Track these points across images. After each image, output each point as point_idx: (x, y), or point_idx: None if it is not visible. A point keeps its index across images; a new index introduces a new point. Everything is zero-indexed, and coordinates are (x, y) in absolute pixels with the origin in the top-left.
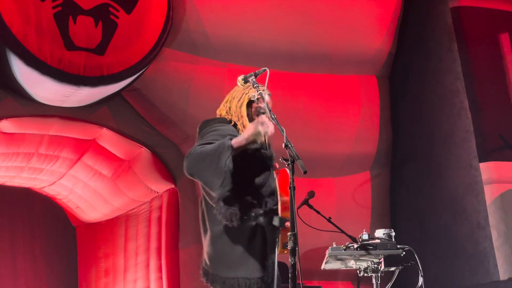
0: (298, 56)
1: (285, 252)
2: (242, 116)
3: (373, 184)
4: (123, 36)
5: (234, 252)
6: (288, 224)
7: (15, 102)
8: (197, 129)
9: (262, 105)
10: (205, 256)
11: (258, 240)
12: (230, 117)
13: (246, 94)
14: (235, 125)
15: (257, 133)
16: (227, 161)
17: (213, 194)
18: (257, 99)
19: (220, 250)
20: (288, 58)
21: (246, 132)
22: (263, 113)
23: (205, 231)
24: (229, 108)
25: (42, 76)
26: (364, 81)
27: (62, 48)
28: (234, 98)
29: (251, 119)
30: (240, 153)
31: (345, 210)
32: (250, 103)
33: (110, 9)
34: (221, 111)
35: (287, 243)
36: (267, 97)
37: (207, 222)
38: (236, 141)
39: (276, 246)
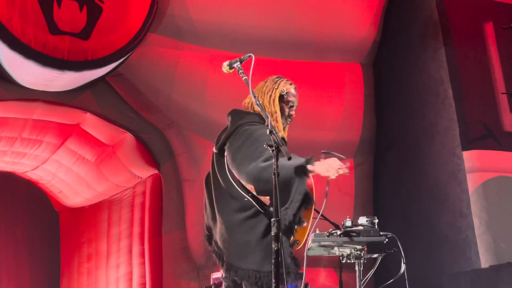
0: (282, 43)
1: (296, 248)
2: (275, 112)
3: (357, 171)
4: (108, 20)
5: (248, 244)
6: (306, 224)
7: None
8: (228, 118)
9: (292, 99)
10: (219, 242)
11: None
12: (260, 111)
13: (276, 89)
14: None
15: (329, 172)
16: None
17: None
18: (287, 93)
19: (237, 240)
20: (272, 45)
21: (320, 167)
22: (294, 107)
23: (214, 218)
24: (262, 103)
25: (26, 60)
26: (349, 69)
27: (47, 32)
28: (265, 94)
29: (282, 113)
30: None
31: (328, 197)
32: (281, 97)
33: None
34: (251, 106)
35: (297, 240)
36: (293, 90)
37: (221, 211)
38: (311, 169)
39: (290, 242)
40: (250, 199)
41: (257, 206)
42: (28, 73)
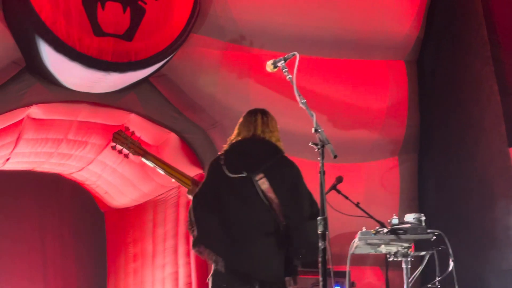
0: (325, 41)
1: None
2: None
3: (402, 169)
4: (151, 21)
5: None
6: None
7: (44, 88)
8: (277, 154)
9: None
10: (305, 244)
11: None
12: None
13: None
14: None
15: None
16: None
17: None
18: None
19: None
20: (315, 43)
21: None
22: None
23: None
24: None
25: (71, 62)
26: (392, 66)
27: (91, 34)
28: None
29: None
30: None
31: (373, 195)
32: None
33: None
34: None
35: None
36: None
37: None
38: None
39: None
40: None
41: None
42: (73, 75)
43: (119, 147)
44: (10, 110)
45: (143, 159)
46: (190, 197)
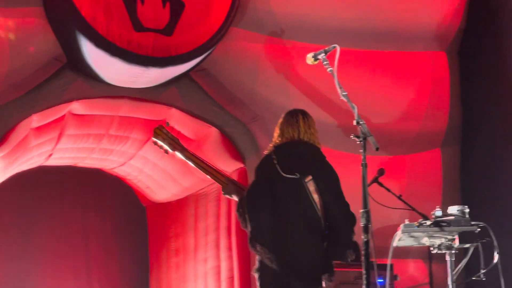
0: (365, 33)
1: None
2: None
3: (444, 161)
4: (191, 16)
5: None
6: None
7: (85, 84)
8: (323, 158)
9: None
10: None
11: None
12: None
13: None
14: None
15: None
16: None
17: None
18: None
19: None
20: (355, 35)
21: None
22: None
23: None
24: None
25: (112, 57)
26: (434, 57)
27: (131, 29)
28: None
29: None
30: None
31: (415, 188)
32: None
33: None
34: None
35: None
36: None
37: None
38: None
39: None
40: None
41: None
42: (114, 70)
43: (160, 143)
44: (52, 106)
45: (181, 156)
46: (226, 195)
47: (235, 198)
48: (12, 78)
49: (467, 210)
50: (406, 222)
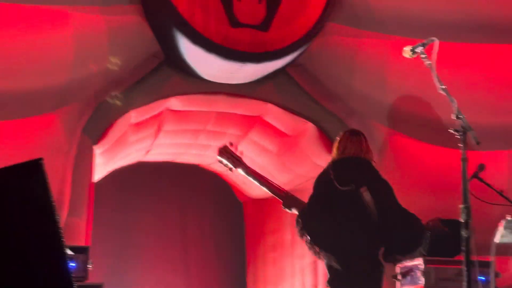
0: (463, 26)
1: None
2: None
3: None
4: (287, 11)
5: None
6: None
7: (182, 80)
8: (377, 172)
9: None
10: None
11: None
12: None
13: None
14: None
15: None
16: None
17: None
18: None
19: None
20: (452, 28)
21: None
22: None
23: None
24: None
25: (208, 53)
26: None
27: (227, 25)
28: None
29: None
30: None
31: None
32: None
33: None
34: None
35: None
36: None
37: None
38: None
39: None
40: None
41: None
42: (210, 66)
43: (224, 161)
44: (150, 103)
45: (243, 173)
46: (286, 209)
47: (294, 211)
48: (110, 75)
49: None
50: (508, 218)
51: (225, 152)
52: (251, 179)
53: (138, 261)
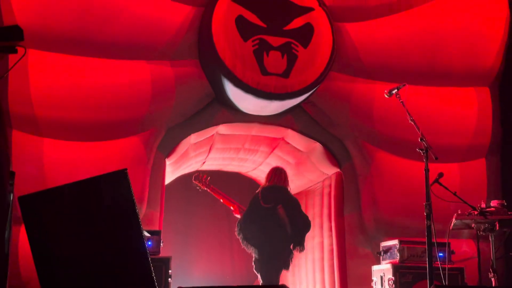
0: (427, 73)
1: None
2: None
3: (488, 167)
4: (302, 64)
5: None
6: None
7: (228, 112)
8: (290, 195)
9: None
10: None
11: None
12: None
13: None
14: None
15: None
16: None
17: None
18: None
19: None
20: (420, 75)
21: None
22: None
23: None
24: None
25: (246, 94)
26: (479, 92)
27: (259, 74)
28: None
29: None
30: None
31: (467, 187)
32: None
33: (292, 45)
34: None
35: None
36: None
37: None
38: None
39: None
40: None
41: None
42: (247, 102)
43: (198, 184)
44: (205, 129)
45: (209, 191)
46: (236, 215)
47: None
48: (177, 108)
49: (505, 204)
50: (459, 212)
51: (199, 178)
52: (214, 195)
53: (196, 241)
